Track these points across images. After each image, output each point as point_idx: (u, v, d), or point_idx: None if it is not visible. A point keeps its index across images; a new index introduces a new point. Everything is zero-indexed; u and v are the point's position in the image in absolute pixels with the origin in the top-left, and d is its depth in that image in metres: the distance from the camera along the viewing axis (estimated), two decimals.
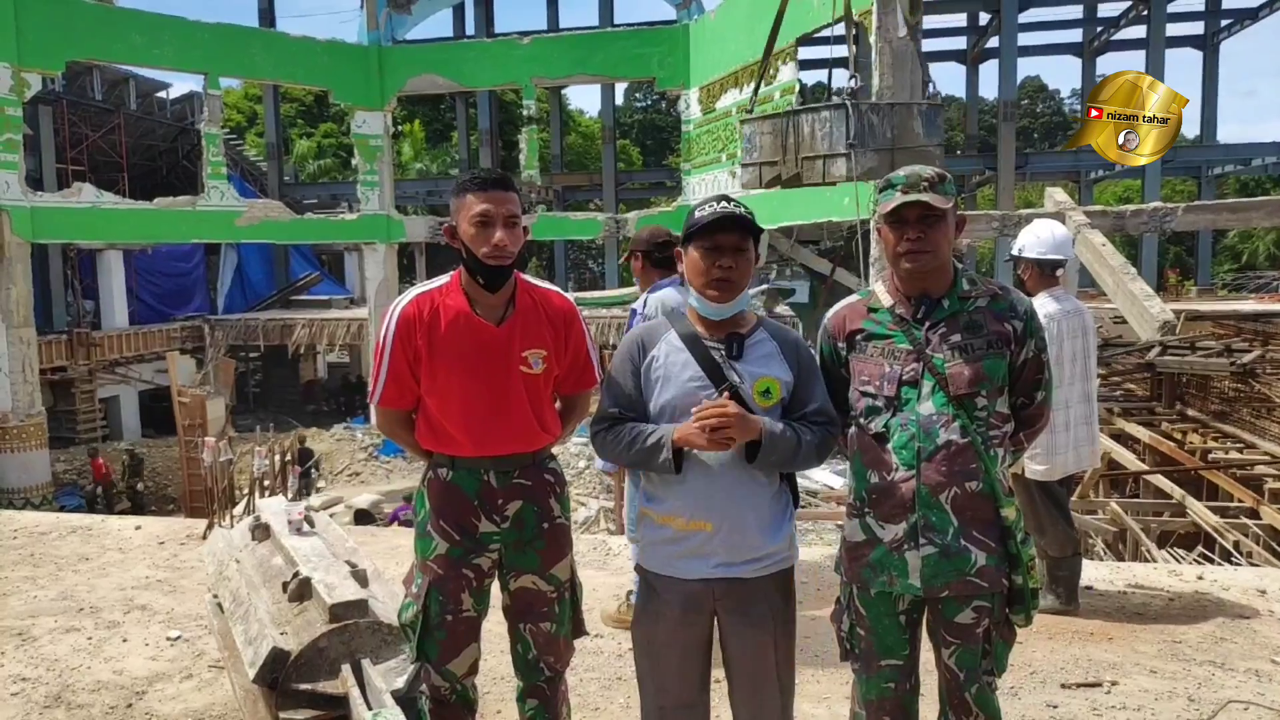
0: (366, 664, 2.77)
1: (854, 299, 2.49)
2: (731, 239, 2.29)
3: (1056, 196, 12.23)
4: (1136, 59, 31.95)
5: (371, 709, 2.54)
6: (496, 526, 2.53)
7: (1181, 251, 40.36)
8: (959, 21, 34.13)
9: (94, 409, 23.01)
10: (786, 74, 16.69)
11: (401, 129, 36.17)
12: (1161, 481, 9.62)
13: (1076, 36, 34.67)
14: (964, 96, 36.07)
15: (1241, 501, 8.95)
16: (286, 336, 25.25)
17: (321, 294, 30.88)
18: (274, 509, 3.87)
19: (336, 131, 36.84)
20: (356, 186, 23.16)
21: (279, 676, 2.78)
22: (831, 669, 3.72)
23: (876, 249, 10.14)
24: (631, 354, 2.42)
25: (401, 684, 2.63)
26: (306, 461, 18.35)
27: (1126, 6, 31.08)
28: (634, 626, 2.46)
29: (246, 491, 4.85)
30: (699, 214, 2.30)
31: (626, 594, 4.32)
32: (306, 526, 3.59)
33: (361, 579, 3.14)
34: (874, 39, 12.99)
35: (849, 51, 8.26)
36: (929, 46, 31.51)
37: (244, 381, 28.36)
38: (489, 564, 2.56)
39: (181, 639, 4.28)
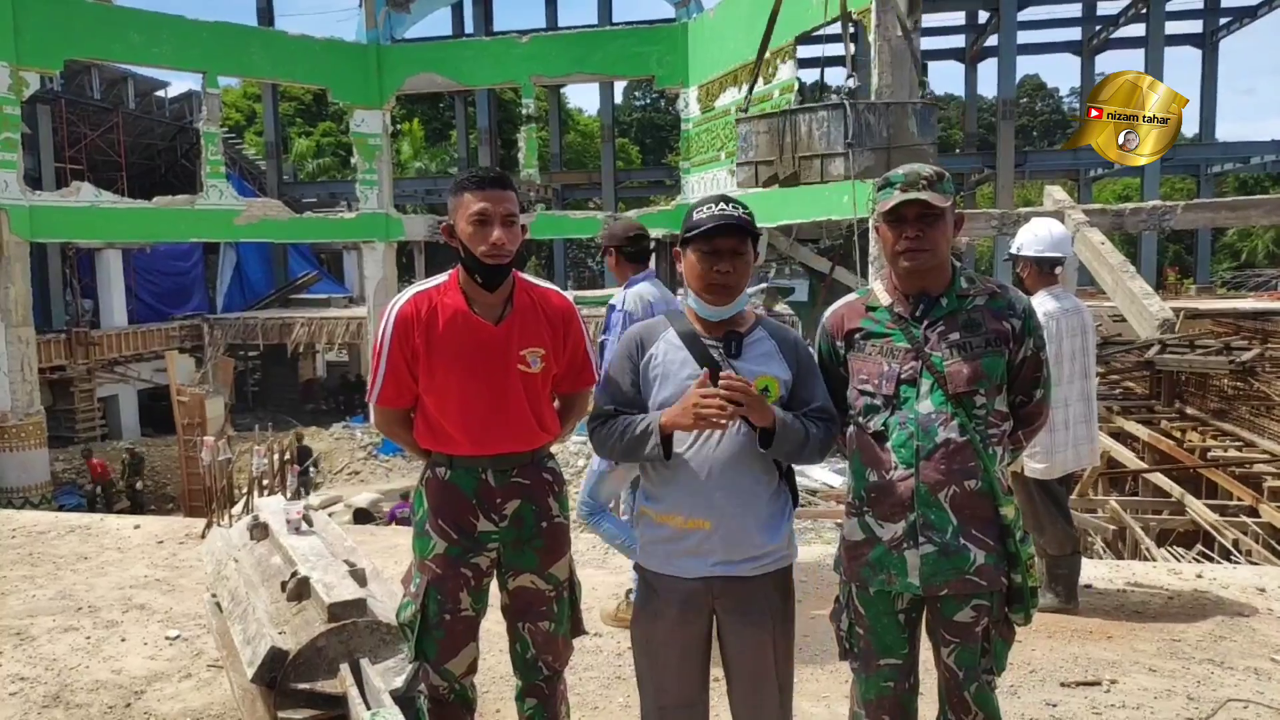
0: (365, 663, 2.77)
1: (852, 298, 2.49)
2: (730, 243, 2.28)
3: (1056, 195, 12.24)
4: (1135, 57, 31.95)
5: (370, 708, 2.54)
6: (495, 525, 2.53)
7: (1180, 250, 40.37)
8: (958, 20, 34.15)
9: (93, 408, 23.00)
10: (786, 72, 16.68)
11: (400, 128, 36.13)
12: (1161, 480, 9.62)
13: (1075, 35, 34.69)
14: (963, 95, 36.09)
15: (1241, 500, 8.95)
16: (285, 335, 25.24)
17: (320, 293, 30.87)
18: (272, 508, 3.87)
19: (335, 130, 36.81)
20: (355, 185, 23.14)
21: (277, 676, 2.78)
22: (831, 668, 3.72)
23: (875, 248, 10.14)
24: (630, 352, 2.42)
25: (400, 683, 2.63)
26: (305, 460, 18.35)
27: (1125, 5, 31.09)
28: (633, 625, 2.46)
29: (245, 491, 4.84)
30: (697, 216, 2.29)
31: (626, 593, 4.32)
32: (305, 525, 3.59)
33: (360, 578, 3.14)
34: (873, 37, 12.99)
35: (845, 51, 8.26)
36: (928, 45, 31.57)
37: (243, 380, 28.35)
38: (487, 563, 2.55)
39: (180, 638, 4.28)
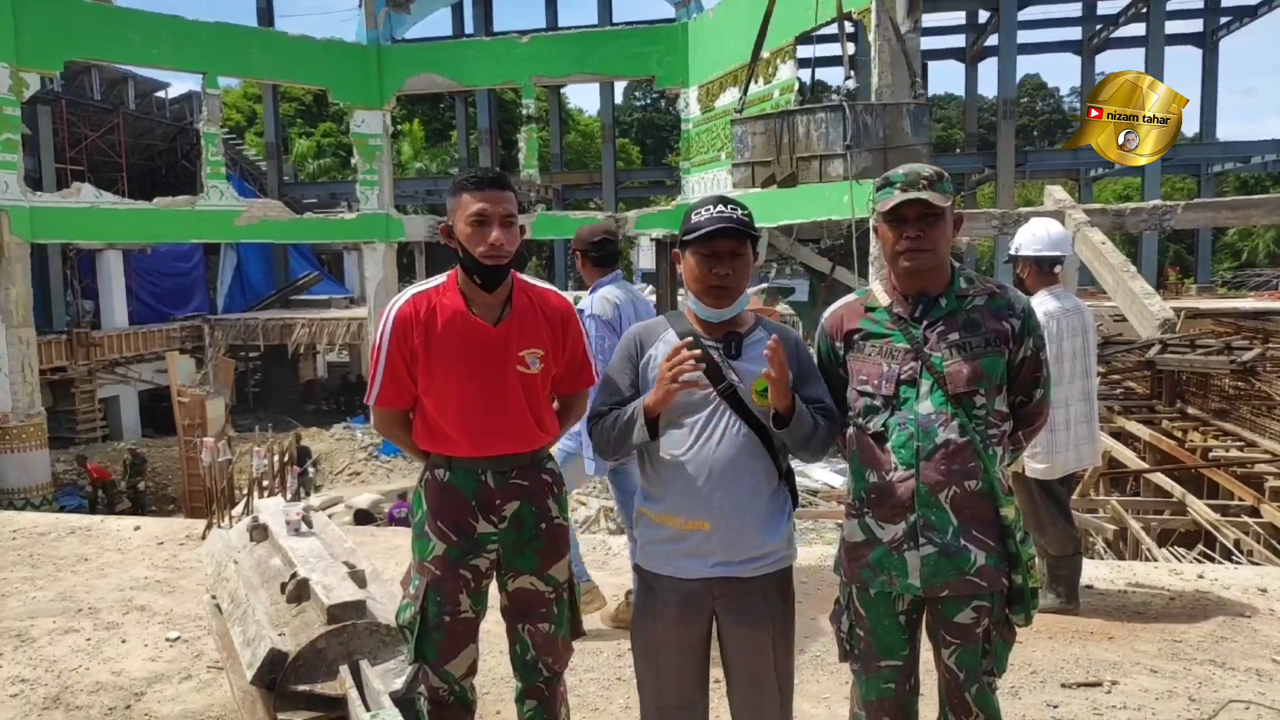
0: (365, 665, 2.76)
1: (851, 298, 2.49)
2: (728, 245, 2.28)
3: (1056, 194, 12.23)
4: (1136, 56, 31.96)
5: (370, 710, 2.53)
6: (494, 527, 2.52)
7: (1181, 249, 40.35)
8: (958, 19, 34.15)
9: (94, 409, 23.00)
10: (786, 72, 16.67)
11: (401, 128, 36.14)
12: (1162, 480, 9.61)
13: (1076, 34, 34.69)
14: (963, 95, 36.07)
15: (1242, 500, 8.94)
16: (286, 336, 25.25)
17: (321, 293, 30.87)
18: (272, 509, 3.86)
19: (336, 131, 36.81)
20: (356, 186, 23.12)
21: (277, 678, 2.77)
22: (831, 669, 3.71)
23: (875, 248, 10.12)
24: (630, 352, 2.42)
25: (400, 685, 2.63)
26: (303, 461, 18.34)
27: (1126, 4, 31.09)
28: (632, 626, 2.46)
29: (245, 492, 4.83)
30: (695, 218, 2.28)
31: (626, 594, 4.31)
32: (305, 527, 3.58)
33: (360, 580, 3.13)
34: (873, 37, 12.98)
35: (843, 52, 8.28)
36: (928, 44, 31.55)
37: (244, 381, 28.35)
38: (487, 565, 2.55)
39: (180, 640, 4.27)
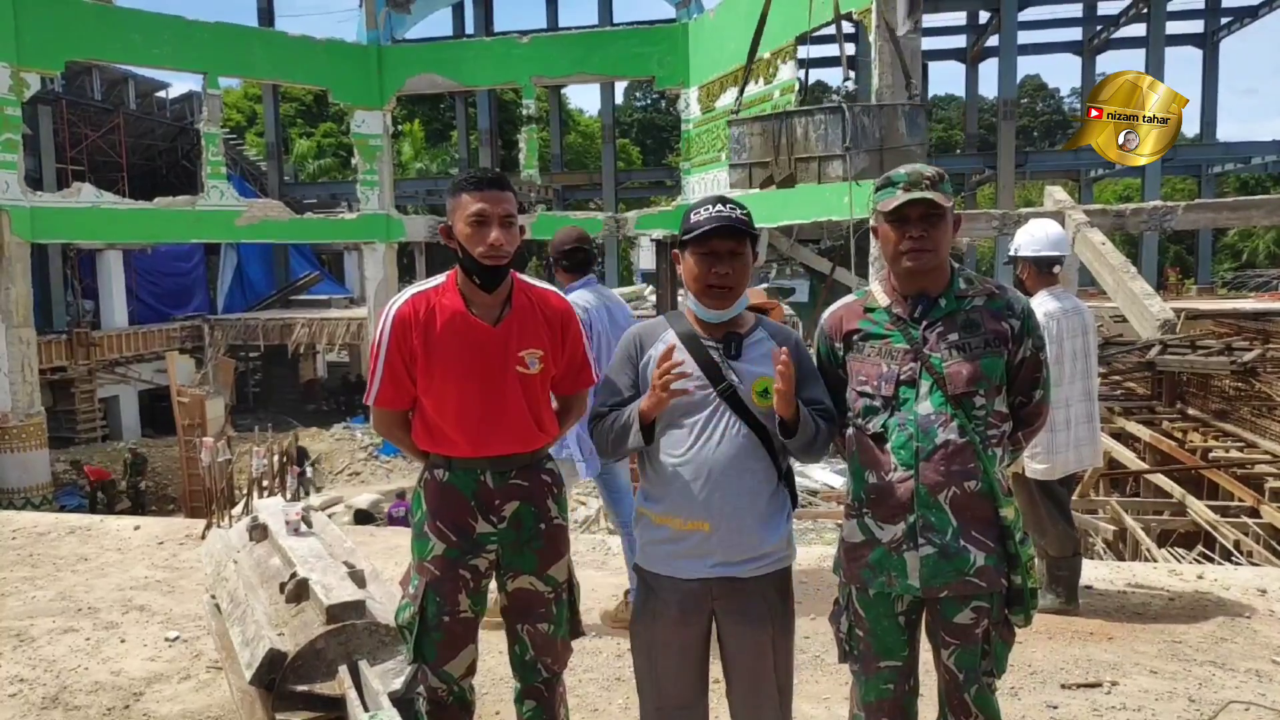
0: (364, 665, 2.76)
1: (850, 299, 2.48)
2: (728, 244, 2.28)
3: (1056, 195, 12.23)
4: (1136, 57, 31.94)
5: (368, 710, 2.53)
6: (493, 527, 2.52)
7: (1182, 250, 40.33)
8: (959, 20, 34.13)
9: (94, 409, 23.01)
10: (786, 73, 16.67)
11: (401, 128, 36.16)
12: (1162, 480, 9.61)
13: (1076, 35, 34.67)
14: (964, 95, 36.06)
15: (1242, 500, 8.94)
16: (286, 336, 25.25)
17: (321, 294, 30.88)
18: (272, 509, 3.86)
19: (336, 131, 36.83)
20: (356, 186, 23.14)
21: (276, 678, 2.77)
22: (831, 669, 3.71)
23: (875, 248, 10.11)
24: (630, 353, 2.42)
25: (399, 685, 2.63)
26: (301, 462, 18.36)
27: (1126, 5, 31.07)
28: (632, 626, 2.45)
29: (245, 492, 4.84)
30: (694, 218, 2.29)
31: (625, 594, 4.31)
32: (304, 527, 3.58)
33: (359, 580, 3.13)
34: (873, 37, 12.98)
35: (841, 53, 8.29)
36: (928, 45, 31.54)
37: (244, 381, 28.36)
38: (486, 565, 2.55)
39: (180, 640, 4.27)
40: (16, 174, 18.14)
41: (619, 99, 41.56)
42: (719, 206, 2.28)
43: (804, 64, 14.13)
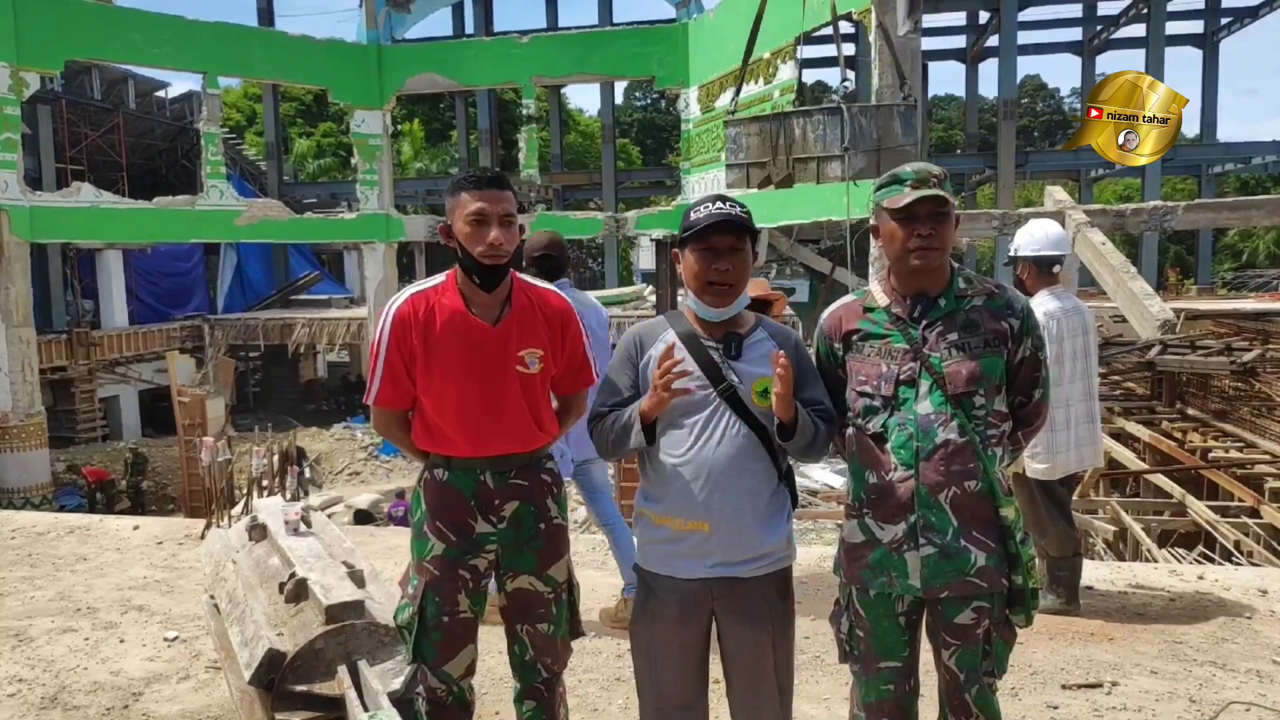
0: (363, 665, 2.76)
1: (849, 299, 2.48)
2: (727, 241, 2.28)
3: (1056, 195, 12.23)
4: (1136, 57, 31.96)
5: (368, 710, 2.53)
6: (493, 527, 2.52)
7: (1182, 250, 40.33)
8: (959, 20, 34.15)
9: (94, 409, 23.01)
10: (786, 72, 16.65)
11: (401, 128, 36.15)
12: (1162, 481, 9.60)
13: (1076, 35, 34.70)
14: (964, 95, 36.07)
15: (1242, 501, 8.93)
16: (286, 336, 25.25)
17: (321, 293, 30.88)
18: (271, 509, 3.86)
19: (336, 131, 36.82)
20: (356, 186, 23.13)
21: (275, 678, 2.77)
22: (831, 670, 3.71)
23: (875, 248, 10.11)
24: (630, 353, 2.42)
25: (398, 685, 2.62)
26: (300, 462, 18.35)
27: (1126, 5, 31.08)
28: (632, 626, 2.45)
29: (245, 492, 4.83)
30: (694, 216, 2.29)
31: (622, 592, 4.31)
32: (303, 527, 3.58)
33: (358, 580, 3.13)
34: (873, 38, 12.97)
35: (838, 54, 8.29)
36: (928, 45, 31.53)
37: (244, 381, 28.35)
38: (486, 565, 2.55)
39: (179, 640, 4.27)
40: (16, 173, 18.12)
41: (619, 99, 41.58)
42: (719, 204, 2.28)
43: (799, 65, 14.13)
